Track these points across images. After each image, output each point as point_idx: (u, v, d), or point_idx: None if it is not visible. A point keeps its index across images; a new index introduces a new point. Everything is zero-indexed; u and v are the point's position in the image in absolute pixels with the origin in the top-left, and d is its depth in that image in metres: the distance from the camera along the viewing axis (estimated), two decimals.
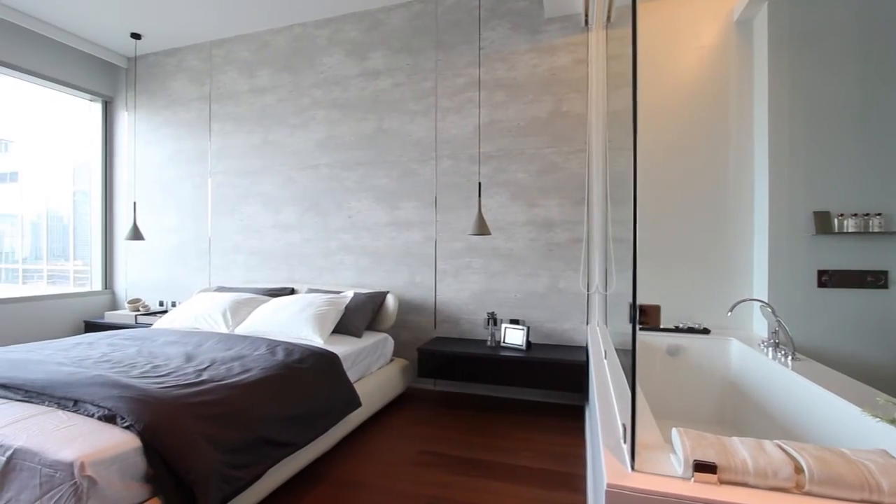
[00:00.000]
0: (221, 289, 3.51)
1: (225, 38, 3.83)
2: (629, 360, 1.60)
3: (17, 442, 1.26)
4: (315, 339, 2.58)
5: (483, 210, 2.99)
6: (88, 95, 4.17)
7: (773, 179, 2.28)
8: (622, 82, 2.39)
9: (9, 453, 1.25)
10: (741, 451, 0.89)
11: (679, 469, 0.90)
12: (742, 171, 2.46)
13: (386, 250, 3.30)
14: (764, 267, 2.32)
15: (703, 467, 0.87)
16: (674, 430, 1.03)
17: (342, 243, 3.44)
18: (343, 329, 2.79)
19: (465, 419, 2.64)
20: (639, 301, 1.05)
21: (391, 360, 3.02)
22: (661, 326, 2.38)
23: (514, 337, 2.80)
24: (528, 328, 2.77)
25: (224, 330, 2.85)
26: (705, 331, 2.36)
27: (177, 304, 3.99)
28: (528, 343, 2.76)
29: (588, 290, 2.84)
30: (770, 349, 1.94)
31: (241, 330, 2.78)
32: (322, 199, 3.49)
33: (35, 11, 3.47)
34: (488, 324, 2.88)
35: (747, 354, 2.13)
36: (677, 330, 2.39)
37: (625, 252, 2.12)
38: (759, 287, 2.36)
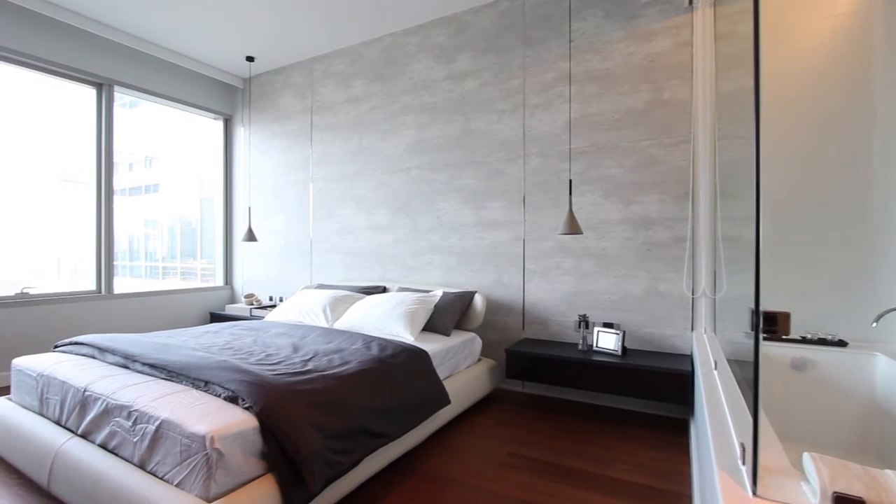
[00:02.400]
0: (321, 286, 3.79)
1: (325, 53, 4.13)
2: (745, 372, 1.43)
3: (164, 414, 1.47)
4: (406, 336, 2.67)
5: (574, 208, 2.88)
6: (212, 114, 4.75)
7: None
8: (733, 63, 2.16)
9: (157, 423, 1.46)
10: None
11: (814, 500, 0.79)
12: (891, 157, 2.08)
13: (473, 250, 3.32)
14: None
15: (846, 501, 0.75)
16: (806, 455, 0.91)
17: (431, 243, 3.52)
18: (432, 327, 2.86)
19: (555, 424, 2.56)
20: (758, 307, 0.94)
21: (479, 360, 3.03)
22: (784, 336, 2.10)
23: (607, 341, 2.66)
24: (624, 332, 2.61)
25: (324, 324, 3.07)
26: (841, 343, 2.04)
27: (283, 299, 4.38)
28: (624, 348, 2.60)
29: (693, 294, 2.60)
30: None
31: (339, 325, 2.98)
32: (412, 200, 3.61)
33: (172, 45, 4.04)
34: (579, 326, 2.77)
35: None
36: (804, 341, 2.09)
37: (737, 251, 1.91)
38: None
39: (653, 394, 2.41)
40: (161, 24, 3.65)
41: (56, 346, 2.36)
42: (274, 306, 4.29)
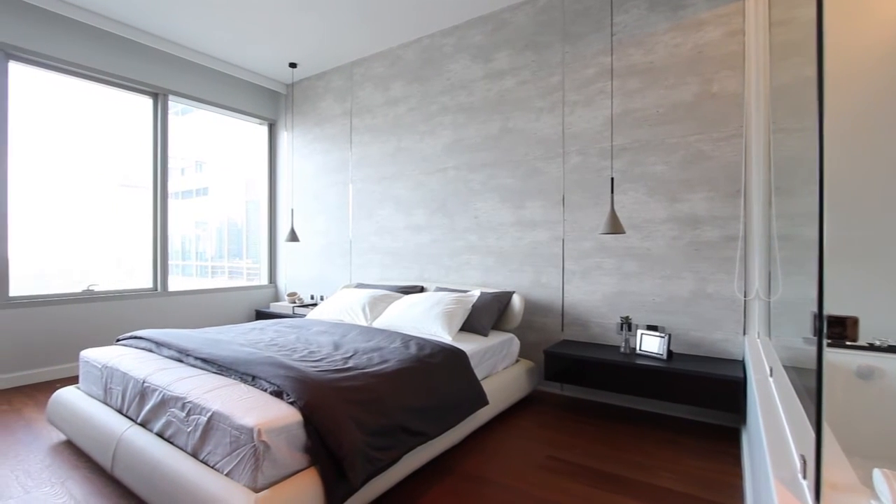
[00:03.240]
0: (360, 285, 3.86)
1: (364, 57, 4.21)
2: (805, 379, 1.34)
3: (215, 406, 1.54)
4: (444, 335, 2.68)
5: (616, 207, 2.80)
6: (258, 120, 4.95)
7: None
8: (789, 52, 2.03)
9: (209, 414, 1.53)
10: None
11: None
12: None
13: (511, 250, 3.29)
14: None
15: None
16: (877, 472, 0.84)
17: (468, 243, 3.52)
18: (470, 327, 2.85)
19: (595, 428, 2.50)
20: (821, 311, 0.87)
21: (517, 361, 3.00)
22: (849, 343, 1.96)
23: (651, 344, 2.56)
24: (669, 336, 2.51)
25: (363, 323, 3.12)
26: None
27: (324, 297, 4.50)
28: (670, 352, 2.50)
29: (745, 296, 2.47)
30: None
31: (378, 323, 3.02)
32: (449, 200, 3.62)
33: (221, 54, 4.23)
34: (621, 329, 2.69)
35: None
36: (872, 348, 1.94)
37: (795, 251, 1.79)
38: None
39: (700, 400, 2.31)
40: (211, 34, 3.83)
41: (118, 340, 2.52)
42: (315, 305, 4.41)
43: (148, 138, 4.04)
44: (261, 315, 4.63)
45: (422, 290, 3.60)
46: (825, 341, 0.86)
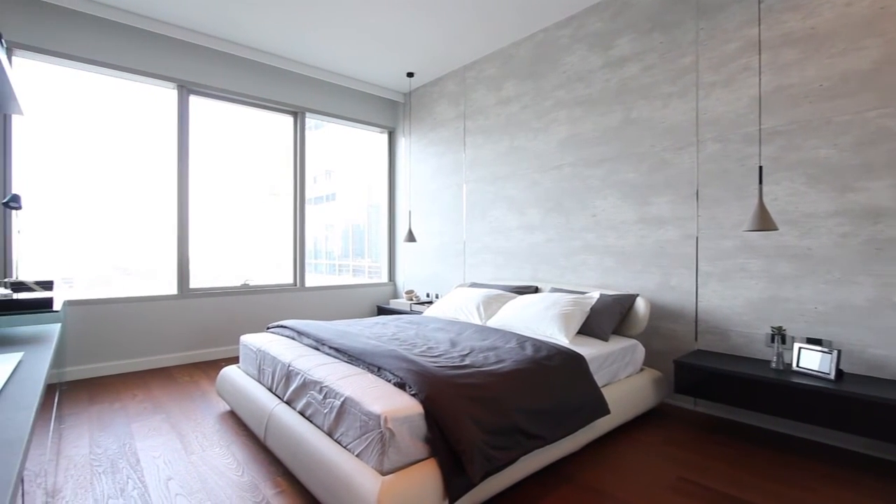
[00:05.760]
0: (474, 285, 3.92)
1: (475, 60, 4.26)
2: None
3: (347, 392, 1.68)
4: (560, 338, 2.58)
5: (765, 200, 2.44)
6: (378, 129, 5.32)
7: None
8: None
9: (342, 399, 1.68)
10: None
11: None
12: None
13: (634, 250, 3.06)
14: None
15: None
16: None
17: (585, 243, 3.35)
18: (588, 331, 2.71)
19: (737, 451, 2.20)
20: None
21: (641, 370, 2.77)
22: None
23: (812, 361, 2.17)
24: (839, 352, 2.10)
25: (478, 321, 3.16)
26: None
27: (439, 296, 4.66)
28: (839, 372, 2.10)
29: None
30: None
31: (492, 323, 3.03)
32: (565, 199, 3.49)
33: (348, 71, 4.63)
34: (772, 341, 2.32)
35: None
36: None
37: None
38: None
39: (883, 433, 1.89)
40: (340, 54, 4.21)
41: (268, 328, 2.90)
42: (431, 302, 4.59)
43: (289, 152, 4.59)
44: (381, 311, 4.96)
45: (536, 290, 3.53)
46: None
